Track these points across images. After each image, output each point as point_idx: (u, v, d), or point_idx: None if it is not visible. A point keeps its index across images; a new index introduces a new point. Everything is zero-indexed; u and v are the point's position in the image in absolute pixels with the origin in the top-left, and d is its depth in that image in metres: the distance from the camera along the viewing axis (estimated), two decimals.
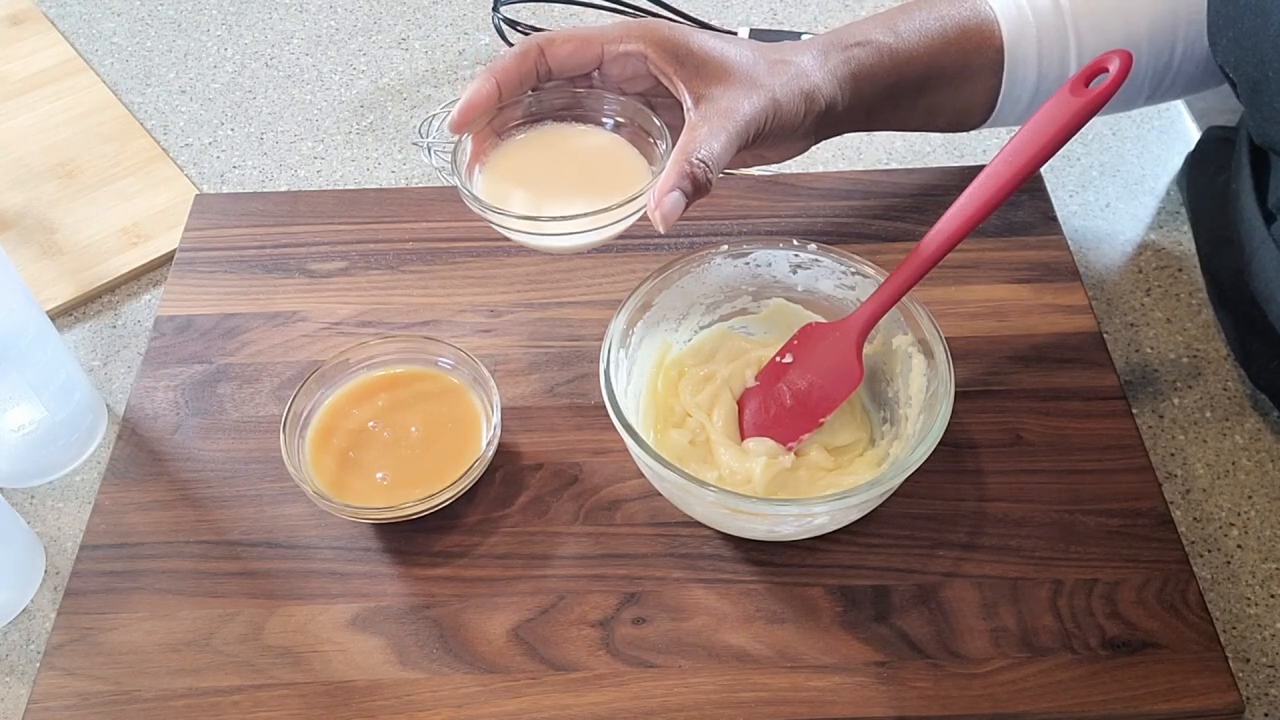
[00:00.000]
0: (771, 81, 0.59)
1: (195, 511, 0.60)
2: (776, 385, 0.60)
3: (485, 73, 0.59)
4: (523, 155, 0.61)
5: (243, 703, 0.54)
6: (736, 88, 0.58)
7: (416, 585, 0.58)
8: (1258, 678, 0.56)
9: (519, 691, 0.54)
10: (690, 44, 0.58)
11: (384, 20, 0.92)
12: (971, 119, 0.68)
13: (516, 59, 0.58)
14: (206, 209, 0.75)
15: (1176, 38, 0.65)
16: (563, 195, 0.59)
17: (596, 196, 0.57)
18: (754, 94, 0.58)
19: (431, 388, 0.62)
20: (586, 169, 0.61)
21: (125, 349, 0.70)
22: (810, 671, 0.54)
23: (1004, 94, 0.65)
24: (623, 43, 0.59)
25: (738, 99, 0.57)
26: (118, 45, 0.90)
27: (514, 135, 0.61)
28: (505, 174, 0.60)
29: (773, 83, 0.59)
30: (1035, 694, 0.53)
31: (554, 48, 0.59)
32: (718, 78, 0.58)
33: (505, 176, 0.60)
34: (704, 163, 0.55)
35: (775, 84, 0.59)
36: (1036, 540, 0.58)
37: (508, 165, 0.60)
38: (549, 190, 0.59)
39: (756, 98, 0.58)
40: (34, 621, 0.58)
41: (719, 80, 0.58)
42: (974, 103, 0.67)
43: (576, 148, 0.61)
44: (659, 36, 0.58)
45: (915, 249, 0.55)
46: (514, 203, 0.58)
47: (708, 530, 0.59)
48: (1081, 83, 0.52)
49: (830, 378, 0.58)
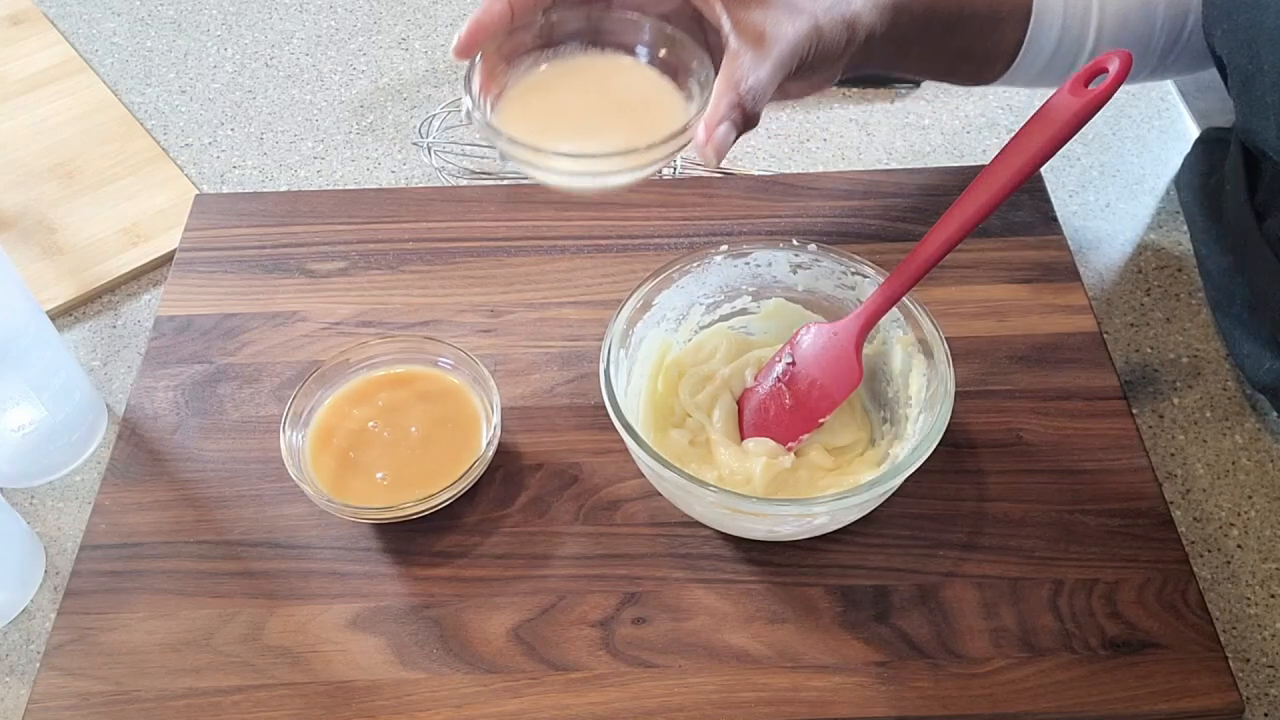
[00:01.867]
0: (814, 6, 0.55)
1: (195, 511, 0.60)
2: (776, 385, 0.60)
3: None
4: (545, 85, 0.54)
5: (243, 703, 0.54)
6: (778, 11, 0.53)
7: (416, 585, 0.58)
8: (1258, 678, 0.56)
9: (519, 691, 0.54)
10: None
11: (384, 20, 0.92)
12: (993, 69, 0.67)
13: None
14: (206, 209, 0.75)
15: (1190, 6, 0.65)
16: (597, 130, 0.53)
17: (634, 130, 0.52)
18: (797, 19, 0.54)
19: (431, 388, 0.62)
20: (618, 101, 0.55)
21: (125, 349, 0.70)
22: (810, 671, 0.54)
23: (1027, 44, 0.65)
24: None
25: (781, 24, 0.53)
26: (118, 45, 0.90)
27: (529, 63, 0.55)
28: (527, 106, 0.53)
29: (815, 7, 0.55)
30: (1035, 694, 0.53)
31: None
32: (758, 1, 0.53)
33: (527, 109, 0.53)
34: (752, 92, 0.51)
35: (818, 9, 0.55)
36: (1036, 540, 0.58)
37: (529, 97, 0.54)
38: (581, 125, 0.54)
39: (800, 23, 0.54)
40: (34, 621, 0.58)
41: (759, 3, 0.53)
42: (998, 51, 0.66)
43: (604, 77, 0.55)
44: None
45: (915, 249, 0.55)
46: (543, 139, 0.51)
47: (708, 530, 0.59)
48: (1081, 83, 0.52)
49: (830, 378, 0.58)
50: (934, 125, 0.83)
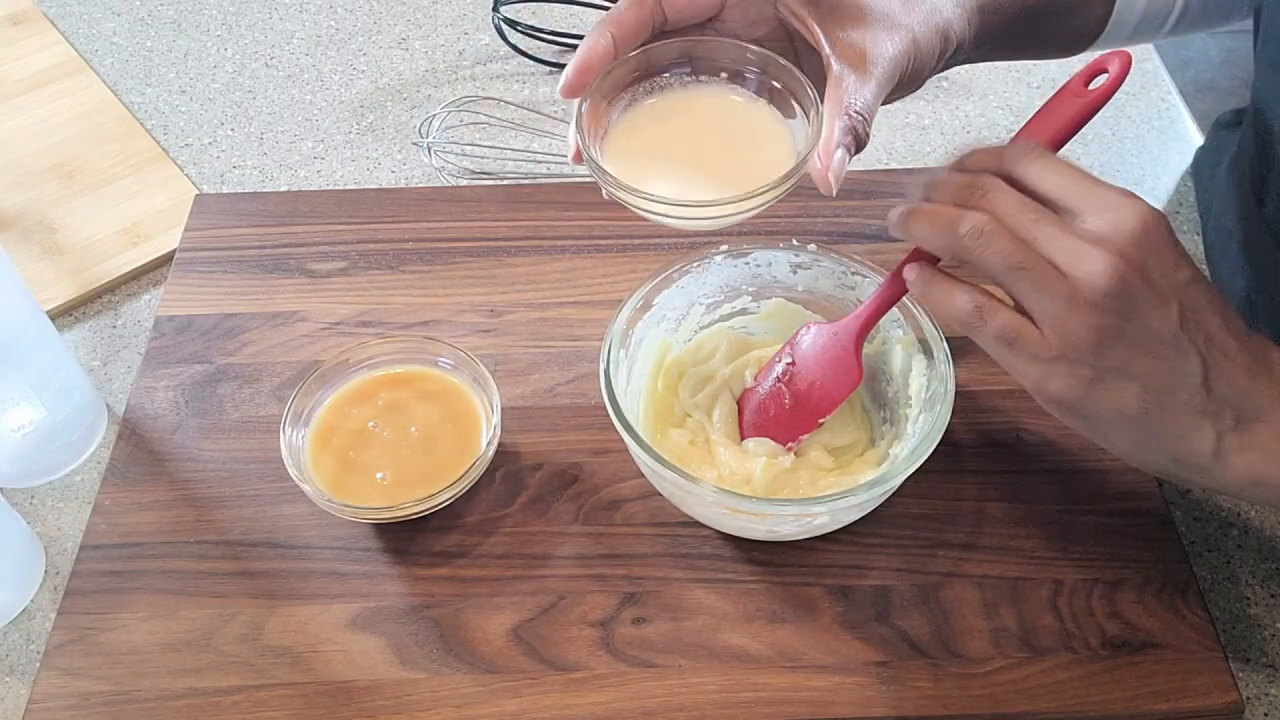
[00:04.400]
0: (909, 19, 0.54)
1: (195, 511, 0.60)
2: (776, 385, 0.60)
3: (599, 27, 0.52)
4: (649, 123, 0.54)
5: (243, 703, 0.54)
6: (876, 28, 0.53)
7: (416, 585, 0.58)
8: (1258, 678, 0.56)
9: (519, 691, 0.54)
10: None
11: (384, 20, 0.92)
12: (1077, 48, 0.67)
13: (633, 7, 0.52)
14: (206, 209, 0.75)
15: None
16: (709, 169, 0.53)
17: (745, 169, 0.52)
18: (894, 34, 0.53)
19: (431, 388, 0.62)
20: (725, 136, 0.54)
21: (125, 349, 0.70)
22: (810, 671, 0.54)
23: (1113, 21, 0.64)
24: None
25: (880, 41, 0.53)
26: (118, 45, 0.90)
27: (630, 97, 0.54)
28: (634, 147, 0.53)
29: (910, 20, 0.54)
30: (1035, 694, 0.53)
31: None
32: (854, 18, 0.53)
33: (635, 149, 0.53)
34: (861, 114, 0.51)
35: (913, 22, 0.54)
36: (1036, 540, 0.58)
37: (636, 137, 0.54)
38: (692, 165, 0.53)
39: (898, 38, 0.53)
40: (34, 621, 0.58)
41: (855, 21, 0.53)
42: (1083, 32, 0.65)
43: (706, 111, 0.55)
44: None
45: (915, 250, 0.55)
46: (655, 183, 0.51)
47: (708, 530, 0.59)
48: (1081, 83, 0.52)
49: (830, 378, 0.58)
50: (934, 125, 0.83)
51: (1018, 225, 0.47)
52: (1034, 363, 0.47)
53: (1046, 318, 0.46)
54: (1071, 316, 0.45)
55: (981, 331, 0.48)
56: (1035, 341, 0.46)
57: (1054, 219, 0.46)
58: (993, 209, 0.47)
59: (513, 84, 0.86)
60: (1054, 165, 0.48)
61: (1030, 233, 0.46)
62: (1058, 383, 0.46)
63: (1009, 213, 0.47)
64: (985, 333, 0.48)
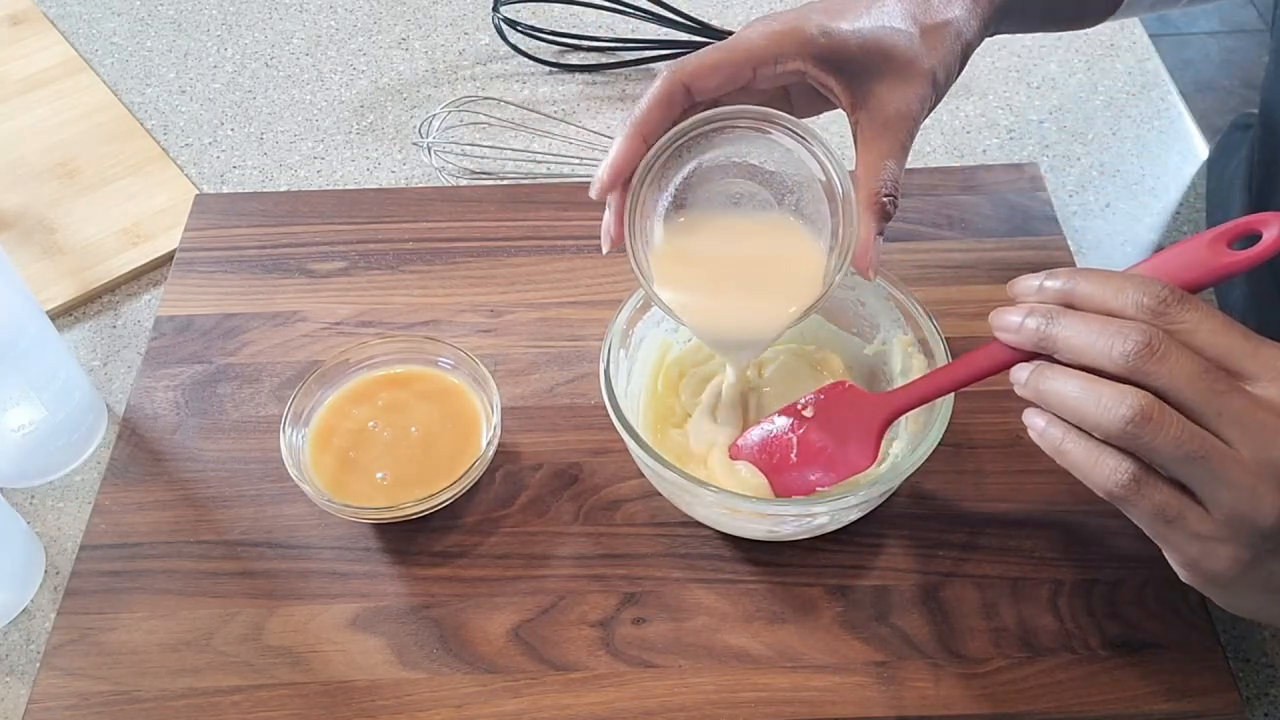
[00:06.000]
0: (931, 61, 0.53)
1: (195, 511, 0.60)
2: (788, 435, 0.57)
3: (630, 130, 0.51)
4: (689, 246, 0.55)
5: (243, 703, 0.54)
6: (898, 79, 0.53)
7: (416, 585, 0.58)
8: (1258, 678, 0.56)
9: (519, 691, 0.54)
10: (848, 45, 0.52)
11: (384, 20, 0.92)
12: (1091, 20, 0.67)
13: (661, 107, 0.51)
14: (206, 209, 0.75)
15: None
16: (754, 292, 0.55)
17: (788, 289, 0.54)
18: (915, 82, 0.53)
19: (431, 388, 0.62)
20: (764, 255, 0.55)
21: (125, 349, 0.70)
22: (810, 671, 0.54)
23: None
24: (778, 62, 0.52)
25: (904, 97, 0.52)
26: (118, 45, 0.90)
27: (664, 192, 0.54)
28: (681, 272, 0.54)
29: (932, 61, 0.53)
30: (1035, 694, 0.53)
31: (700, 81, 0.51)
32: (878, 72, 0.52)
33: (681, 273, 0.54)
34: (891, 194, 0.52)
35: (934, 61, 0.53)
36: (1036, 540, 0.58)
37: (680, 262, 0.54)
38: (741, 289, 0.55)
39: (919, 86, 0.53)
40: (34, 621, 0.58)
41: (878, 75, 0.52)
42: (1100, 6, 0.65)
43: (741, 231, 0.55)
44: (815, 47, 0.52)
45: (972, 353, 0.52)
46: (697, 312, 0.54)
47: (708, 530, 0.59)
48: (1224, 241, 0.46)
49: (842, 449, 0.55)
50: (934, 125, 0.83)
51: (1198, 397, 0.41)
52: (1193, 541, 0.43)
53: (1220, 504, 0.41)
54: (1253, 505, 0.41)
55: (1134, 507, 0.43)
56: (1199, 521, 0.42)
57: (1241, 390, 0.41)
58: (1169, 376, 0.41)
59: (513, 84, 0.86)
60: (1226, 325, 0.43)
61: (1214, 406, 0.41)
62: (1218, 563, 0.43)
63: (1185, 382, 0.41)
64: (1138, 510, 0.43)
